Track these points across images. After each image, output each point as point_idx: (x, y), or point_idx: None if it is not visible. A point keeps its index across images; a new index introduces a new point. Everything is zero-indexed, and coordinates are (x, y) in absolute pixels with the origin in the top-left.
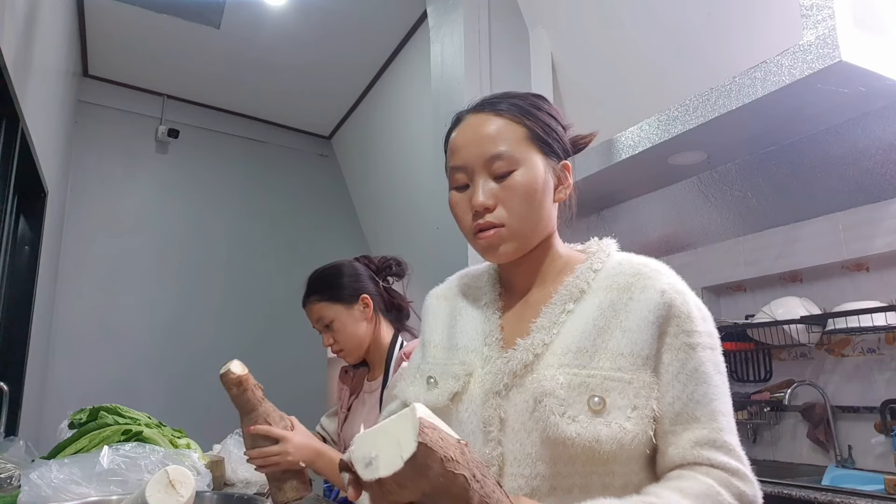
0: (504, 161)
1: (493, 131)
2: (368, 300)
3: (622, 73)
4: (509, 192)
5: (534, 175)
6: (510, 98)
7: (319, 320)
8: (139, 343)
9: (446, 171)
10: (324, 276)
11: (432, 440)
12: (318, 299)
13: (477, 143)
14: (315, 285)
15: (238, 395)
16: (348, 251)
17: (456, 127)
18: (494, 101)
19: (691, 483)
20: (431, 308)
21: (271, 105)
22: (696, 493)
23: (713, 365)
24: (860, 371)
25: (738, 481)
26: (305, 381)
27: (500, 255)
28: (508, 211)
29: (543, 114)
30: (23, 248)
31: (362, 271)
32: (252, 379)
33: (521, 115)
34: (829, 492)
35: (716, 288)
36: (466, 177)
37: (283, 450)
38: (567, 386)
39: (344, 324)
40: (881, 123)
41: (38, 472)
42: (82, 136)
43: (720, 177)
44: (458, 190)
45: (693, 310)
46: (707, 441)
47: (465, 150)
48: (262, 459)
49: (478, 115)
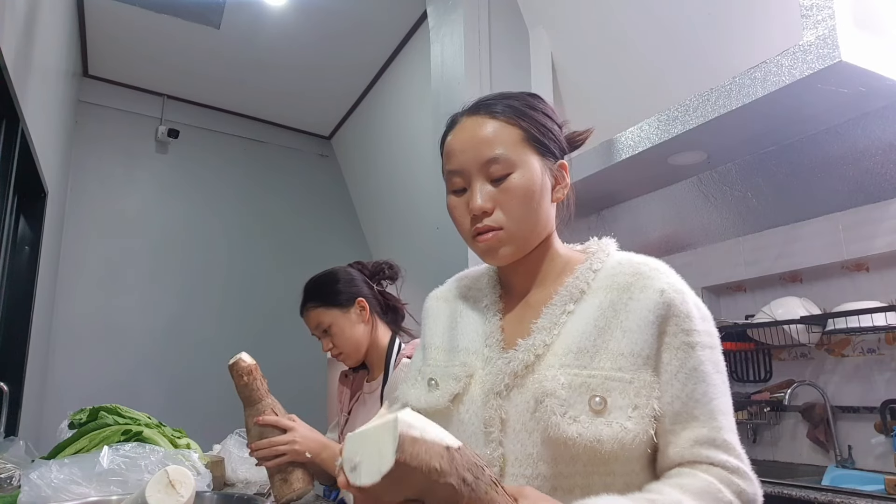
0: (500, 164)
1: (488, 134)
2: (364, 303)
3: (622, 73)
4: (507, 195)
5: (531, 177)
6: (505, 99)
7: (318, 326)
8: (139, 343)
9: (443, 175)
10: (319, 282)
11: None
12: (315, 306)
13: (473, 146)
14: (311, 292)
15: (247, 384)
16: (348, 251)
17: (451, 130)
18: (489, 103)
19: (692, 480)
20: (431, 310)
21: (271, 105)
22: (697, 489)
23: (712, 364)
24: (860, 371)
25: (738, 479)
26: (306, 381)
27: (500, 258)
28: (507, 214)
29: (538, 114)
30: (23, 248)
31: (356, 276)
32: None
33: (517, 117)
34: (829, 492)
35: (716, 288)
36: (463, 181)
37: (291, 439)
38: (568, 386)
39: (342, 328)
40: (881, 123)
41: (38, 472)
42: (82, 136)
43: (720, 177)
44: (455, 194)
45: (692, 309)
46: (707, 440)
47: (462, 153)
48: (270, 450)
49: (473, 118)
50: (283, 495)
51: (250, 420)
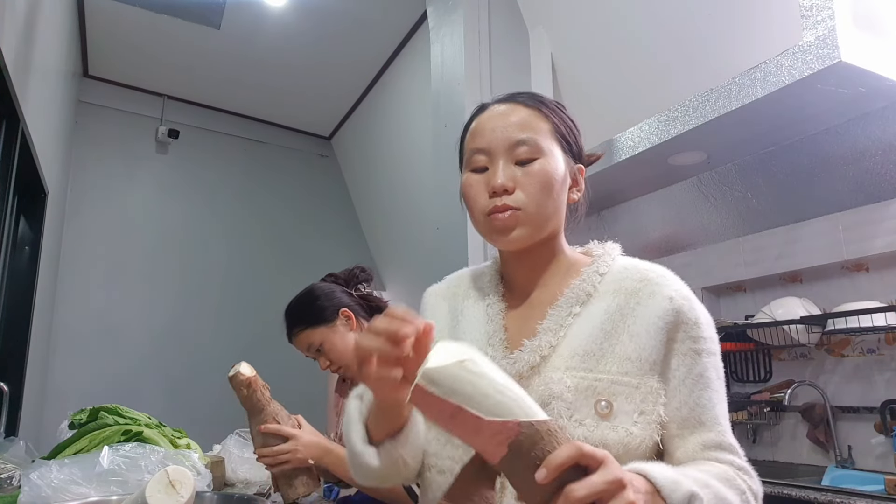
0: (528, 147)
1: (520, 119)
2: (348, 312)
3: (622, 73)
4: (530, 178)
5: (555, 166)
6: (536, 96)
7: (309, 347)
8: (139, 343)
9: (460, 157)
10: (299, 305)
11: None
12: (302, 329)
13: (503, 127)
14: (294, 317)
15: (248, 396)
16: (348, 252)
17: (480, 113)
18: (522, 96)
19: (709, 467)
20: (430, 306)
21: (271, 105)
22: (716, 474)
23: (715, 370)
24: (860, 371)
25: (745, 476)
26: (306, 381)
27: (511, 240)
28: (527, 196)
29: (566, 116)
30: (23, 248)
31: (334, 288)
32: (260, 380)
33: (548, 111)
34: (828, 492)
35: (716, 288)
36: (487, 159)
37: (293, 447)
38: (574, 389)
39: (333, 343)
40: (881, 124)
41: (38, 472)
42: (82, 137)
43: (720, 177)
44: (475, 172)
45: (700, 316)
46: (714, 444)
47: (491, 133)
48: (273, 458)
49: (505, 105)
50: (289, 498)
51: (254, 428)
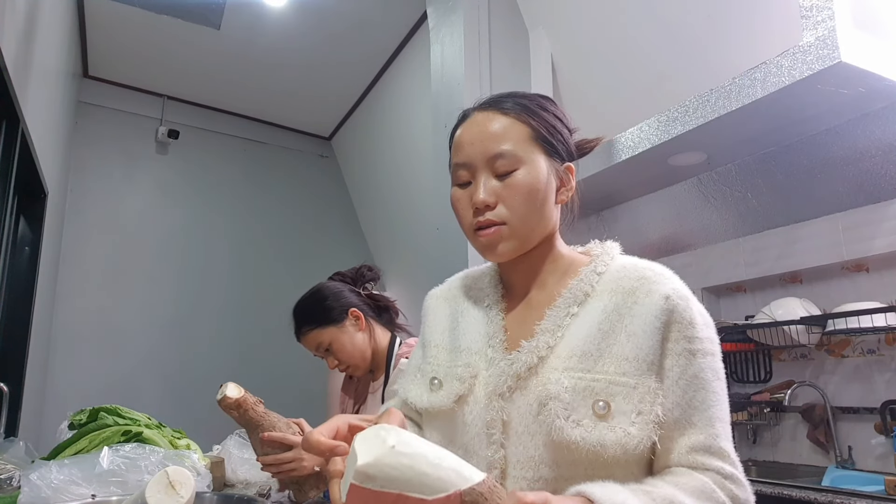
0: (507, 159)
1: (497, 129)
2: (357, 312)
3: (622, 73)
4: (511, 191)
5: (536, 175)
6: (517, 97)
7: (318, 347)
8: (139, 343)
9: (449, 168)
10: (308, 304)
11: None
12: (311, 328)
13: (481, 140)
14: (302, 316)
15: (240, 416)
16: (348, 252)
17: (461, 124)
18: (500, 100)
19: (687, 479)
20: (431, 308)
21: (271, 105)
22: (692, 488)
23: (712, 371)
24: (860, 372)
25: (731, 484)
26: (306, 381)
27: (499, 254)
28: (509, 209)
29: (549, 115)
30: (23, 248)
31: (342, 287)
32: (250, 398)
33: (527, 115)
34: (829, 493)
35: (716, 288)
36: (469, 174)
37: (297, 456)
38: (572, 390)
39: (342, 343)
40: (881, 124)
41: (38, 472)
42: (82, 137)
43: (720, 177)
44: (460, 186)
45: (696, 316)
46: (703, 447)
47: (469, 146)
48: (277, 467)
49: (483, 113)
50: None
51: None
